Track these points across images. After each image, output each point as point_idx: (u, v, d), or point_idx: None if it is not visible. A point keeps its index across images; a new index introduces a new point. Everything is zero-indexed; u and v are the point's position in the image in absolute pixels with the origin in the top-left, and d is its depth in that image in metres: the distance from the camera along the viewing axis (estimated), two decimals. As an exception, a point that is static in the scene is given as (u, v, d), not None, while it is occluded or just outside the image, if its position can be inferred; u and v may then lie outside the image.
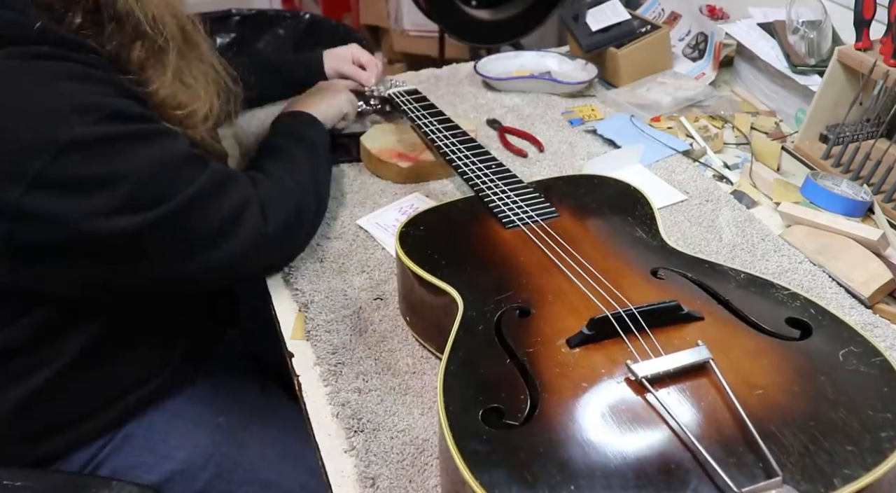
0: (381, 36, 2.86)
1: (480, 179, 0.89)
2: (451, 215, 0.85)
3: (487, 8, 1.97)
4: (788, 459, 0.52)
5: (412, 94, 1.16)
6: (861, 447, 0.53)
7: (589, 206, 0.85)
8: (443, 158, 0.98)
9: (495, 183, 0.88)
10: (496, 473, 0.51)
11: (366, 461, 0.68)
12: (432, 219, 0.83)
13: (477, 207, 0.85)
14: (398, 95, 1.16)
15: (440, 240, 0.79)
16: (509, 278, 0.73)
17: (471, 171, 0.92)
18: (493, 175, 0.90)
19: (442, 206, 0.87)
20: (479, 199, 0.86)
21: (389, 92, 1.18)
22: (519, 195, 0.86)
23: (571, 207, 0.84)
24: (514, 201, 0.84)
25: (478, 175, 0.90)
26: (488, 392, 0.58)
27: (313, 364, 0.79)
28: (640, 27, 1.33)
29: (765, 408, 0.56)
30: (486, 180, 0.89)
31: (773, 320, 0.65)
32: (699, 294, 0.69)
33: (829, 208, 0.97)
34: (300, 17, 1.88)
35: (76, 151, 0.66)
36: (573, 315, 0.66)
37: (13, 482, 0.74)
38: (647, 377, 0.57)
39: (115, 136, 0.69)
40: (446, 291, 0.71)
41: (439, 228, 0.82)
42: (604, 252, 0.76)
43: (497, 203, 0.84)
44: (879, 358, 0.60)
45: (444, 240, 0.80)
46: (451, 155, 0.96)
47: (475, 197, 0.87)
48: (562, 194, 0.87)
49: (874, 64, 1.01)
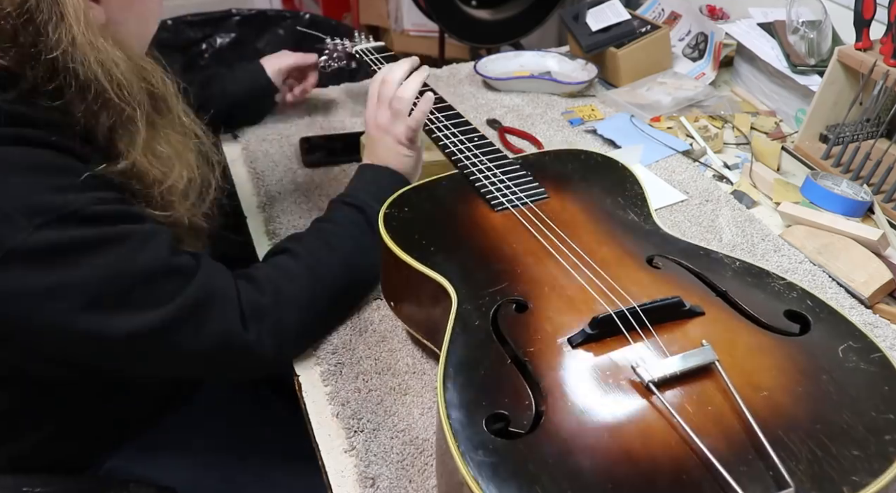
0: (381, 36, 2.86)
1: (464, 155, 0.86)
2: (437, 194, 0.81)
3: (487, 8, 1.97)
4: (798, 466, 0.51)
5: (381, 51, 1.08)
6: (867, 452, 0.52)
7: (578, 185, 0.83)
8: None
9: (480, 160, 0.85)
10: (505, 486, 0.49)
11: (366, 461, 0.68)
12: (416, 199, 0.80)
13: (463, 186, 0.82)
14: (365, 52, 1.07)
15: (426, 223, 0.76)
16: (503, 268, 0.70)
17: (454, 146, 0.87)
18: (477, 150, 0.86)
19: (427, 183, 0.83)
20: (464, 177, 0.83)
21: (356, 48, 1.10)
22: (506, 174, 0.83)
23: (561, 187, 0.82)
24: (502, 180, 0.81)
25: (461, 150, 0.87)
26: (491, 397, 0.56)
27: (313, 364, 0.79)
28: (640, 27, 1.33)
29: (771, 412, 0.55)
30: (471, 156, 0.85)
31: (772, 314, 0.65)
32: (697, 286, 0.68)
33: (829, 208, 0.97)
34: (300, 17, 1.88)
35: (17, 260, 0.59)
36: (572, 310, 0.65)
37: (32, 489, 0.73)
38: (654, 381, 0.56)
39: (58, 245, 0.60)
40: (438, 281, 0.69)
41: (425, 209, 0.78)
42: (597, 238, 0.74)
43: (484, 183, 0.81)
44: (878, 354, 0.60)
45: (431, 223, 0.76)
46: (430, 125, 0.91)
47: (460, 174, 0.84)
48: (550, 172, 0.84)
49: (874, 64, 1.01)
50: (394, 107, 0.89)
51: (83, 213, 0.62)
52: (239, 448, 0.90)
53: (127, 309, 0.64)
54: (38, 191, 0.61)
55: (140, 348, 0.66)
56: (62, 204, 0.61)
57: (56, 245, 0.61)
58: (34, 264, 0.60)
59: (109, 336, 0.64)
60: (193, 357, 0.70)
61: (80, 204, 0.62)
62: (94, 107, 0.65)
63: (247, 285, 0.73)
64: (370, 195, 0.85)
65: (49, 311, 0.62)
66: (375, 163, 0.90)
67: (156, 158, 0.70)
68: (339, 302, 0.82)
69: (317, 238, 0.82)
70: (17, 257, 0.59)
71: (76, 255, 0.62)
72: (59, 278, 0.61)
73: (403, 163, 0.90)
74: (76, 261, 0.62)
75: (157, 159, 0.71)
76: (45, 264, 0.60)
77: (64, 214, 0.61)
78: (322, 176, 1.10)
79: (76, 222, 0.61)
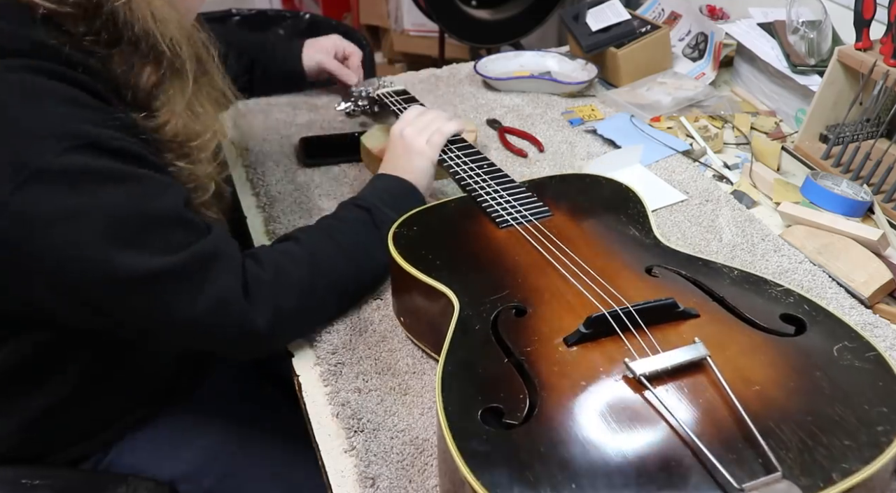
0: (381, 36, 2.86)
1: (472, 179, 0.89)
2: (445, 215, 0.84)
3: (487, 8, 1.97)
4: (787, 454, 0.52)
5: (401, 94, 1.15)
6: (858, 442, 0.53)
7: (582, 205, 0.85)
8: None
9: (487, 183, 0.88)
10: (497, 473, 0.51)
11: (366, 461, 0.68)
12: (425, 219, 0.83)
13: (470, 207, 0.85)
14: (387, 96, 1.15)
15: (434, 240, 0.79)
16: (504, 278, 0.72)
17: (463, 171, 0.91)
18: (485, 175, 0.90)
19: (435, 205, 0.86)
20: (471, 199, 0.86)
21: (378, 92, 1.17)
22: (512, 195, 0.85)
23: (564, 206, 0.84)
24: (507, 201, 0.84)
25: (470, 175, 0.90)
26: (487, 392, 0.58)
27: (313, 364, 0.79)
28: (640, 27, 1.33)
29: (762, 404, 0.56)
30: (479, 180, 0.88)
31: (768, 317, 0.66)
32: (694, 291, 0.70)
33: (829, 208, 0.97)
34: (300, 17, 1.88)
35: (42, 182, 0.61)
36: (570, 314, 0.66)
37: (31, 481, 0.74)
38: (646, 375, 0.58)
39: (84, 169, 0.63)
40: (442, 291, 0.71)
41: (433, 227, 0.81)
42: (598, 251, 0.76)
43: (490, 203, 0.84)
44: (873, 353, 0.61)
45: (438, 240, 0.79)
46: (443, 156, 0.95)
47: (468, 197, 0.87)
48: (554, 194, 0.87)
49: (874, 64, 1.01)
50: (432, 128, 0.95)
51: (110, 145, 0.64)
52: (238, 444, 0.90)
53: (138, 249, 0.65)
54: (71, 120, 0.63)
55: (140, 292, 0.67)
56: (94, 133, 0.63)
57: (82, 169, 0.63)
58: (57, 187, 0.62)
59: (116, 273, 0.64)
60: (189, 317, 0.69)
61: (108, 137, 0.64)
62: (146, 59, 0.69)
63: (251, 261, 0.75)
64: (380, 199, 0.86)
65: (63, 236, 0.63)
66: (391, 172, 0.92)
67: (194, 115, 0.74)
68: (338, 294, 0.82)
69: (322, 231, 0.83)
70: (43, 177, 0.61)
71: (99, 183, 0.63)
72: (78, 204, 0.63)
73: (418, 175, 0.92)
74: (98, 189, 0.63)
75: (195, 116, 0.74)
76: (68, 187, 0.62)
77: (93, 142, 0.63)
78: (322, 176, 1.10)
79: (104, 152, 0.64)
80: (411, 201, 0.87)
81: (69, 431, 0.83)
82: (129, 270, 0.65)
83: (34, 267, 0.65)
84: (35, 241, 0.63)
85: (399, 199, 0.86)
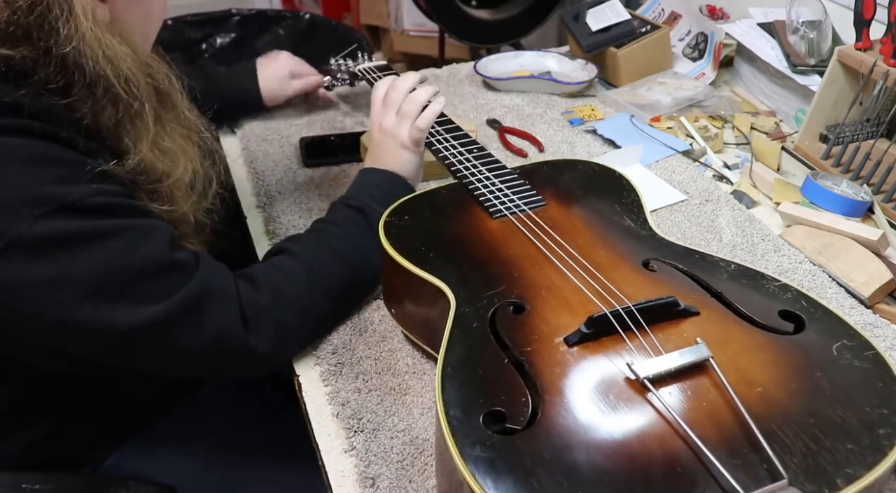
0: (381, 36, 2.86)
1: (463, 165, 0.87)
2: (436, 204, 0.82)
3: (487, 8, 1.97)
4: (792, 459, 0.52)
5: (383, 69, 1.11)
6: (861, 445, 0.53)
7: (575, 193, 0.84)
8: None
9: (479, 169, 0.86)
10: (502, 481, 0.50)
11: (366, 461, 0.68)
12: (416, 207, 0.81)
13: (462, 195, 0.83)
14: (368, 71, 1.10)
15: (426, 230, 0.77)
16: (500, 272, 0.71)
17: (452, 155, 0.88)
18: (475, 161, 0.87)
19: (426, 193, 0.84)
20: (463, 186, 0.84)
21: (359, 68, 1.13)
22: (504, 182, 0.84)
23: (558, 194, 0.83)
24: (500, 189, 0.82)
25: (460, 161, 0.87)
26: (488, 395, 0.57)
27: (313, 364, 0.79)
28: (640, 27, 1.33)
29: (765, 407, 0.56)
30: (470, 166, 0.86)
31: (767, 314, 0.65)
32: (693, 287, 0.69)
33: (829, 208, 0.97)
34: (300, 17, 1.88)
35: (19, 250, 0.59)
36: (569, 312, 0.65)
37: (32, 486, 0.73)
38: (649, 378, 0.57)
39: (60, 236, 0.61)
40: (437, 286, 0.70)
41: (424, 217, 0.79)
42: (594, 243, 0.75)
43: (483, 191, 0.82)
44: (871, 351, 0.60)
45: (431, 231, 0.77)
46: (430, 138, 0.92)
47: (459, 184, 0.85)
48: (547, 181, 0.85)
49: (874, 64, 1.01)
50: (403, 109, 0.89)
51: (84, 204, 0.62)
52: (239, 447, 0.90)
53: (127, 302, 0.64)
54: (39, 182, 0.61)
55: (138, 342, 0.66)
56: (63, 195, 0.61)
57: (57, 235, 0.61)
58: (35, 255, 0.60)
59: (108, 329, 0.64)
60: (191, 355, 0.69)
61: (81, 195, 0.62)
62: (101, 102, 0.65)
63: (246, 284, 0.73)
64: (371, 197, 0.85)
65: (49, 302, 0.62)
66: (377, 166, 0.90)
67: (161, 153, 0.71)
68: (339, 303, 0.81)
69: (317, 239, 0.82)
70: (19, 247, 0.59)
71: (77, 246, 0.62)
72: (59, 269, 0.61)
73: (406, 166, 0.89)
74: (77, 252, 0.62)
75: (162, 154, 0.71)
76: (46, 254, 0.61)
77: (65, 205, 0.61)
78: (322, 176, 1.10)
79: (77, 213, 0.62)
80: (402, 195, 0.86)
81: (67, 448, 0.83)
82: (123, 324, 0.64)
83: (24, 332, 0.65)
84: (23, 309, 0.62)
85: (390, 194, 0.85)
